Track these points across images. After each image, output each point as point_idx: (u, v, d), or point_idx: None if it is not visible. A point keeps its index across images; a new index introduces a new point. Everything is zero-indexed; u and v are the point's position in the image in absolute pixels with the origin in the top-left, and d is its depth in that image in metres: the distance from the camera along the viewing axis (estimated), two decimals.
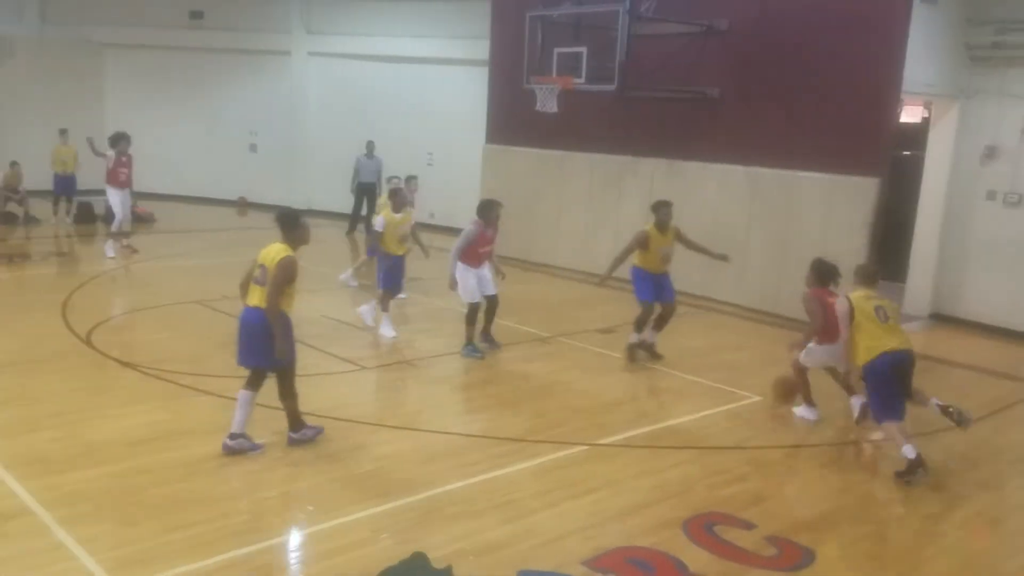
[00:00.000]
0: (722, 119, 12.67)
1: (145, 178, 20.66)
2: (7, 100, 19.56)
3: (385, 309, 10.04)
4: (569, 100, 12.57)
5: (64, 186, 17.21)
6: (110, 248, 13.97)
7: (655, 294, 9.33)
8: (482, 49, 16.30)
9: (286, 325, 6.29)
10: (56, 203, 17.26)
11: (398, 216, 9.99)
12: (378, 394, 8.38)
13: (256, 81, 20.83)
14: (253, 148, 21.07)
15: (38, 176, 17.06)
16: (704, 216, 12.85)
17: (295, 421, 6.62)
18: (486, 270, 9.52)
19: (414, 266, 11.64)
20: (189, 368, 8.30)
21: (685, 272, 13.06)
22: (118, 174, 14.02)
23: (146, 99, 21.22)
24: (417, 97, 18.94)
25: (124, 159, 14.10)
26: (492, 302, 9.55)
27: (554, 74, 12.17)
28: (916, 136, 12.88)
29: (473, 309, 9.40)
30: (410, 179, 12.44)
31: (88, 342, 9.06)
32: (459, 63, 18.23)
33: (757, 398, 8.45)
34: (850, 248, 11.22)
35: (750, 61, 12.31)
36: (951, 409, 6.93)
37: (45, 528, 5.18)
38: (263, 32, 20.26)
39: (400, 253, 10.11)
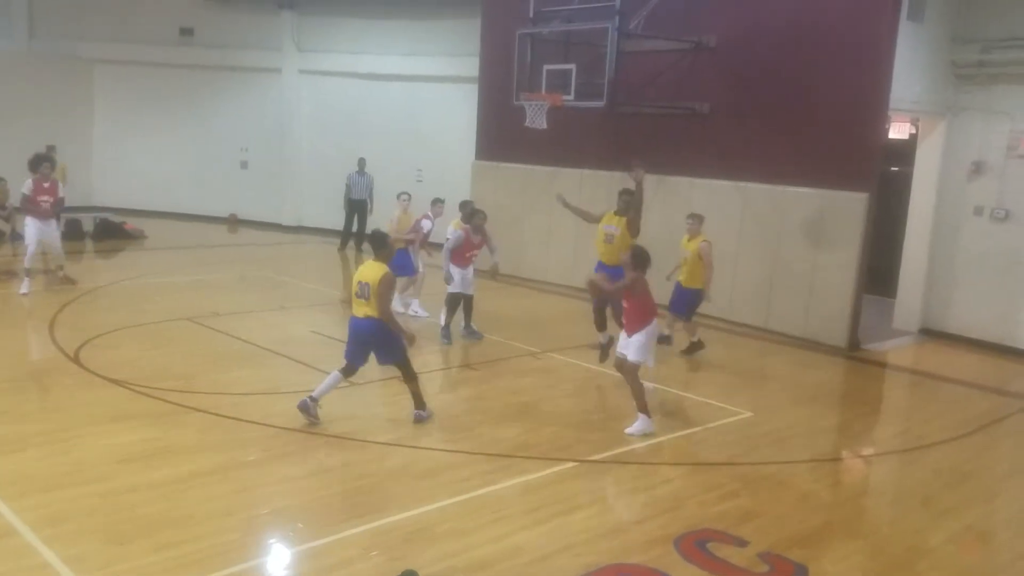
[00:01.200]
0: (712, 135, 12.75)
1: (135, 195, 20.81)
2: None
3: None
4: (559, 116, 12.62)
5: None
6: (25, 284, 12.05)
7: None
8: (471, 66, 16.38)
9: (398, 325, 7.55)
10: None
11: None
12: (369, 410, 8.34)
13: (247, 98, 20.84)
14: (244, 165, 21.05)
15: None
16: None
17: (419, 400, 7.72)
18: (471, 272, 10.76)
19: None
20: (178, 385, 8.25)
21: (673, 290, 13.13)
22: (38, 202, 12.05)
23: (135, 116, 21.17)
24: (407, 114, 19.01)
25: (47, 185, 12.12)
26: (469, 300, 10.85)
27: (543, 91, 12.23)
28: (904, 152, 12.98)
29: (455, 298, 10.64)
30: (436, 201, 12.19)
31: (76, 359, 8.99)
32: (449, 80, 18.32)
33: (748, 414, 8.44)
34: (839, 263, 11.29)
35: (739, 77, 12.40)
36: None
37: (31, 548, 5.12)
38: (254, 49, 20.29)
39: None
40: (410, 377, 7.65)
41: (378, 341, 7.41)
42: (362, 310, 7.35)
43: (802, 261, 11.72)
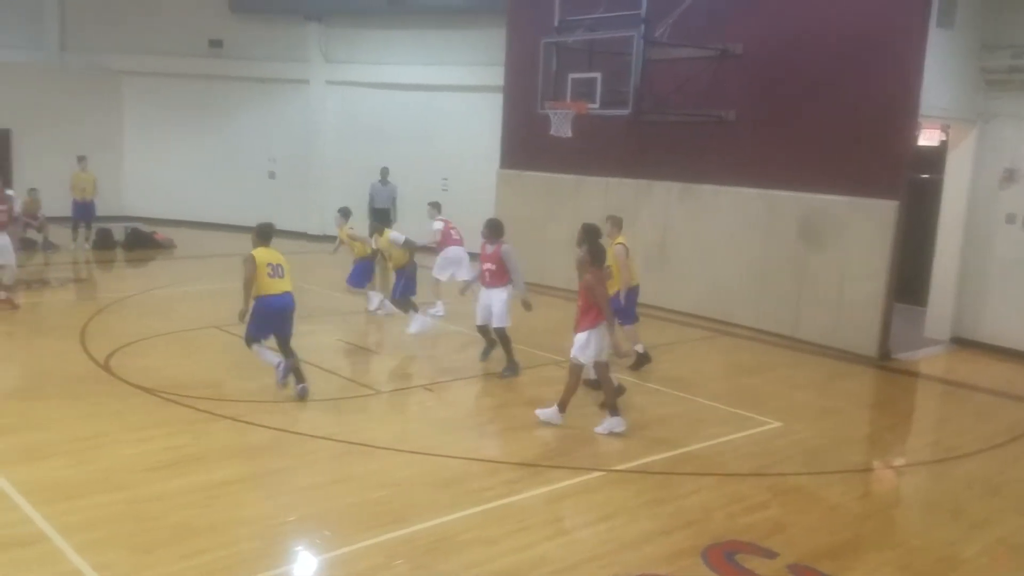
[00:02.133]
0: (738, 142, 12.67)
1: (165, 205, 21.06)
2: (27, 127, 19.82)
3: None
4: (583, 124, 12.61)
5: (83, 212, 17.38)
6: None
7: None
8: (496, 75, 16.42)
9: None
10: (75, 229, 17.42)
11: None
12: (393, 418, 8.36)
13: (274, 109, 21.04)
14: (272, 175, 21.24)
15: (57, 203, 17.25)
16: (720, 239, 12.83)
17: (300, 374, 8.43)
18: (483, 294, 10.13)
19: (427, 292, 11.69)
20: (206, 393, 8.32)
21: (700, 297, 13.07)
22: None
23: (165, 127, 21.45)
24: (432, 123, 19.10)
25: None
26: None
27: (568, 99, 12.22)
28: (934, 159, 12.80)
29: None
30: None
31: (106, 367, 9.10)
32: (474, 89, 18.38)
33: (777, 424, 8.36)
34: (869, 271, 11.16)
35: (766, 84, 12.32)
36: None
37: (61, 554, 5.17)
38: (281, 61, 20.51)
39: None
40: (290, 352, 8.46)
41: (291, 314, 8.38)
42: (281, 287, 8.23)
43: (831, 269, 11.60)
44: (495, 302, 9.57)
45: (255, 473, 6.56)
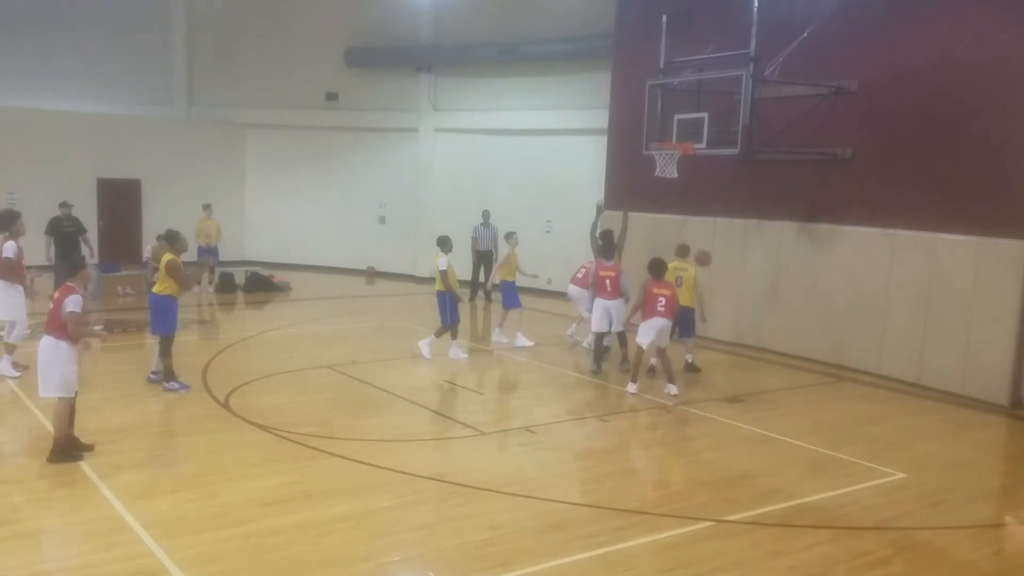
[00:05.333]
0: (855, 180, 12.26)
1: (282, 249, 22.02)
2: (156, 177, 21.16)
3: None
4: (689, 165, 12.47)
5: (208, 257, 18.28)
6: (8, 366, 10.29)
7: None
8: (601, 118, 16.51)
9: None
10: (200, 273, 18.34)
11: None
12: (498, 459, 8.35)
13: (385, 156, 21.78)
14: (382, 220, 21.91)
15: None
16: (839, 280, 12.39)
17: (170, 373, 9.86)
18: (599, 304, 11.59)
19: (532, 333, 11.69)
20: (319, 431, 8.54)
21: (816, 340, 12.60)
22: (21, 266, 10.52)
23: (283, 175, 22.52)
24: (537, 166, 19.32)
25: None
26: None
27: (674, 140, 12.13)
28: None
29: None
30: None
31: (226, 405, 9.47)
32: (578, 132, 18.52)
33: (901, 475, 7.90)
34: (998, 314, 10.52)
35: (883, 120, 11.91)
36: None
37: None
38: (393, 111, 21.26)
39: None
40: (163, 350, 9.76)
41: (156, 312, 9.74)
42: (155, 287, 9.79)
43: (957, 313, 10.99)
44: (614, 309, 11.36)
45: (363, 511, 6.65)
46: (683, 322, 11.47)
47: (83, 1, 20.56)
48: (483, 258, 18.14)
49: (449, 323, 12.15)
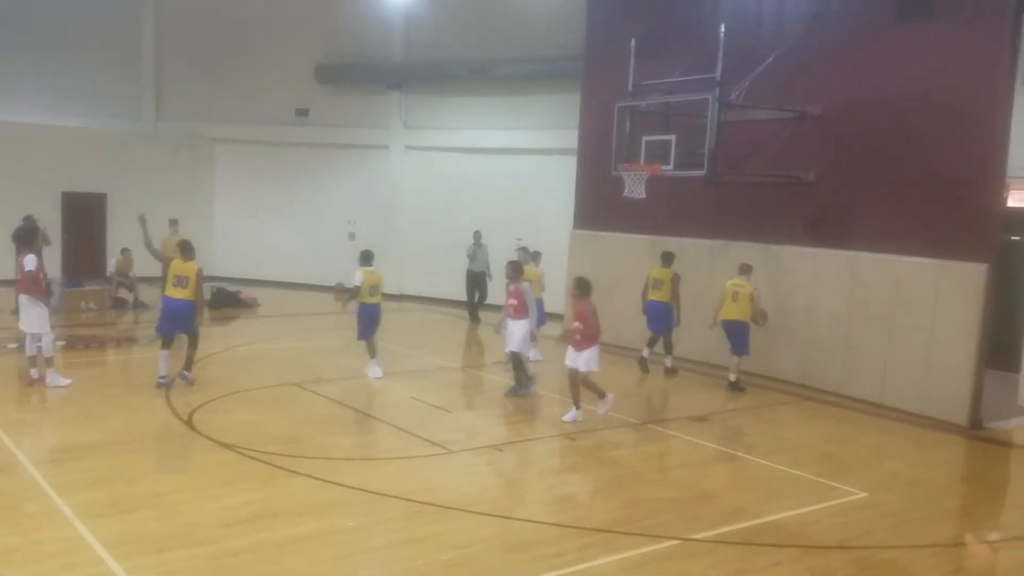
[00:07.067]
0: (818, 203, 12.48)
1: (250, 265, 21.83)
2: (122, 192, 20.90)
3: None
4: (657, 185, 12.61)
5: None
6: (58, 376, 10.61)
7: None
8: (571, 138, 16.65)
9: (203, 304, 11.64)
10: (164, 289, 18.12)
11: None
12: (465, 478, 8.33)
13: (356, 173, 21.75)
14: (352, 236, 21.83)
15: (148, 263, 17.92)
16: (803, 301, 12.57)
17: (190, 363, 10.97)
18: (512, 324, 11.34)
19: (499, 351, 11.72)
20: (284, 449, 8.46)
21: (781, 361, 12.76)
22: (40, 279, 10.49)
23: (252, 191, 22.39)
24: (506, 185, 19.43)
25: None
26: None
27: (642, 161, 12.27)
28: None
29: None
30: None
31: (189, 423, 9.36)
32: (548, 152, 18.69)
33: (863, 494, 8.01)
34: (958, 336, 10.74)
35: (846, 145, 12.15)
36: None
37: None
38: (364, 128, 21.26)
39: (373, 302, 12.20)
40: (194, 344, 10.83)
41: (188, 317, 10.65)
42: (179, 294, 10.52)
43: (919, 334, 11.20)
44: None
45: (327, 531, 6.60)
46: (738, 337, 11.69)
47: (51, 12, 20.37)
48: (476, 279, 18.13)
49: (359, 337, 12.11)
